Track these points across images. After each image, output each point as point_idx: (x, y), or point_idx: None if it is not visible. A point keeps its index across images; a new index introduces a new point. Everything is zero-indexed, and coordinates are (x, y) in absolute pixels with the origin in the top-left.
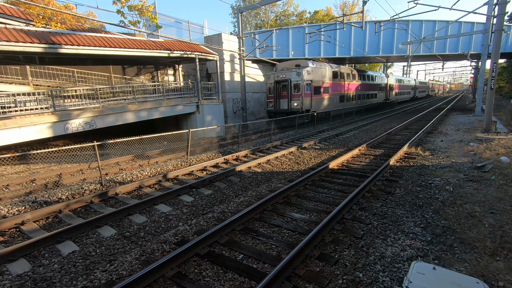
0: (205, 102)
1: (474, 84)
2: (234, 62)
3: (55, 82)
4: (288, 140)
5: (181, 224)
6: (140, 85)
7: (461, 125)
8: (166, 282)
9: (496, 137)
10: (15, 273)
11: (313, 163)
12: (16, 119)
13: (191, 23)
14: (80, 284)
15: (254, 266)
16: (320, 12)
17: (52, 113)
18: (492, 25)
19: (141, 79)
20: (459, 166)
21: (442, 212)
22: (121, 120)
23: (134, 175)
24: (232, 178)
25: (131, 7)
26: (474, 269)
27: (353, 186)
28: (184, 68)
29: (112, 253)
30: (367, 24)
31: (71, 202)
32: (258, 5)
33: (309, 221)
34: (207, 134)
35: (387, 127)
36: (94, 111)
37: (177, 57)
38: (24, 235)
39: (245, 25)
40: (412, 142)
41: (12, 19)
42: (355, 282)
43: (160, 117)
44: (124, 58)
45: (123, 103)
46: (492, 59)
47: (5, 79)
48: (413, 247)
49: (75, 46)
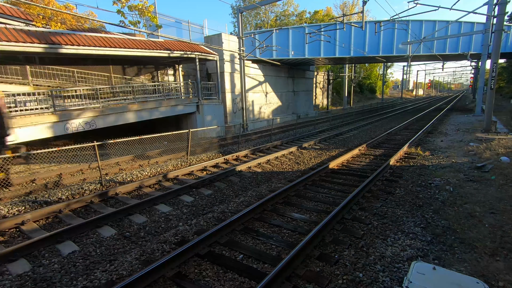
0: (205, 102)
1: (474, 84)
2: (234, 62)
3: (55, 82)
4: (288, 140)
5: (181, 224)
6: (140, 85)
7: (461, 125)
8: (166, 282)
9: (496, 137)
10: (15, 273)
11: (313, 163)
12: (16, 119)
13: (191, 23)
14: (80, 284)
15: (254, 266)
16: (320, 12)
17: (52, 113)
18: (492, 25)
19: (141, 79)
20: (459, 166)
21: (442, 212)
22: (121, 120)
23: (134, 175)
24: (232, 178)
25: (131, 7)
26: (474, 269)
27: (353, 186)
28: (184, 68)
29: (112, 253)
30: (367, 24)
31: (71, 202)
32: (258, 5)
33: (309, 221)
34: (207, 134)
35: (387, 127)
36: (94, 111)
37: (177, 57)
38: (24, 235)
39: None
40: (412, 142)
41: (12, 19)
42: (355, 282)
43: (160, 117)
44: (124, 58)
45: (123, 103)
46: (492, 59)
47: (5, 79)
48: (413, 247)
49: (75, 46)
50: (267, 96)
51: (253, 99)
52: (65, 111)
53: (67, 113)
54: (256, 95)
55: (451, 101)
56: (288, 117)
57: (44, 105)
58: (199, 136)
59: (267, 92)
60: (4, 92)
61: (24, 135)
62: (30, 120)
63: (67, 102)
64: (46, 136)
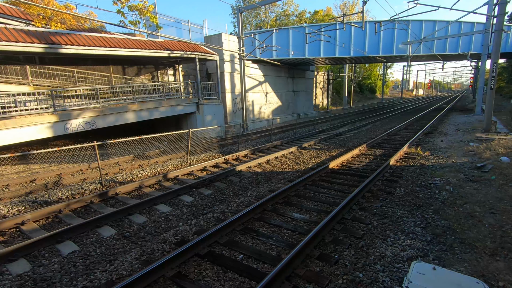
0: (205, 102)
1: (474, 84)
2: (234, 62)
3: (55, 82)
4: (288, 140)
5: (181, 224)
6: (140, 85)
7: (461, 125)
8: (166, 282)
9: (496, 137)
10: (15, 273)
11: (313, 163)
12: (16, 119)
13: (191, 23)
14: (80, 284)
15: (254, 266)
16: (320, 12)
17: (52, 113)
18: (492, 25)
19: (141, 79)
20: (459, 166)
21: (442, 212)
22: (121, 120)
23: (134, 175)
24: (232, 178)
25: (131, 7)
26: (474, 269)
27: (353, 186)
28: (184, 68)
29: (112, 253)
30: (367, 24)
31: (71, 202)
32: (258, 5)
33: (309, 221)
34: (207, 134)
35: (387, 127)
36: (94, 111)
37: (177, 57)
38: (24, 235)
39: (245, 25)
40: (412, 142)
41: (12, 19)
42: (355, 282)
43: (160, 117)
44: (124, 58)
45: (123, 103)
46: (492, 59)
47: (5, 79)
48: (413, 247)
49: (75, 46)
50: (267, 96)
51: (253, 99)
52: (65, 111)
53: (67, 113)
54: (256, 95)
55: (451, 101)
56: (288, 117)
57: (44, 105)
58: (199, 136)
59: (267, 92)
60: (4, 92)
61: (24, 135)
62: (30, 120)
63: (67, 102)
64: (46, 136)
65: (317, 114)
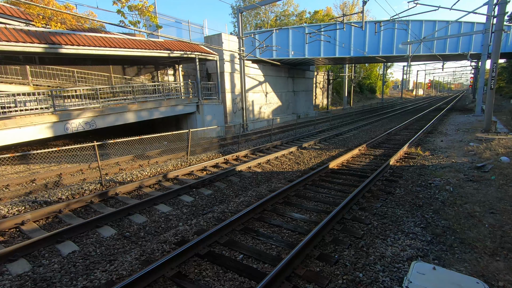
0: (205, 102)
1: (474, 84)
2: (234, 62)
3: (55, 82)
4: (288, 140)
5: (181, 224)
6: (140, 85)
7: (461, 125)
8: (166, 282)
9: (496, 137)
10: (15, 273)
11: (313, 163)
12: (16, 119)
13: (191, 23)
14: (80, 284)
15: (254, 266)
16: (320, 12)
17: (52, 113)
18: (492, 25)
19: (141, 79)
20: (459, 166)
21: (442, 212)
22: (121, 120)
23: (134, 175)
24: (232, 178)
25: (131, 7)
26: (474, 269)
27: (353, 186)
28: (184, 68)
29: (112, 253)
30: (367, 24)
31: (71, 202)
32: (258, 5)
33: (309, 221)
34: (207, 134)
35: (387, 127)
36: (94, 111)
37: (177, 57)
38: (24, 235)
39: (245, 25)
40: (412, 142)
41: (12, 19)
42: (355, 282)
43: (160, 117)
44: (124, 58)
45: (123, 103)
46: (492, 59)
47: (5, 79)
48: (413, 247)
49: (75, 46)
50: (267, 96)
51: (253, 99)
52: (65, 111)
53: (67, 113)
54: (256, 95)
55: (451, 101)
56: (288, 117)
57: (44, 105)
58: (199, 136)
59: (267, 92)
60: (4, 92)
61: (24, 135)
62: (30, 120)
63: (67, 102)
64: (46, 136)
65: (317, 114)
